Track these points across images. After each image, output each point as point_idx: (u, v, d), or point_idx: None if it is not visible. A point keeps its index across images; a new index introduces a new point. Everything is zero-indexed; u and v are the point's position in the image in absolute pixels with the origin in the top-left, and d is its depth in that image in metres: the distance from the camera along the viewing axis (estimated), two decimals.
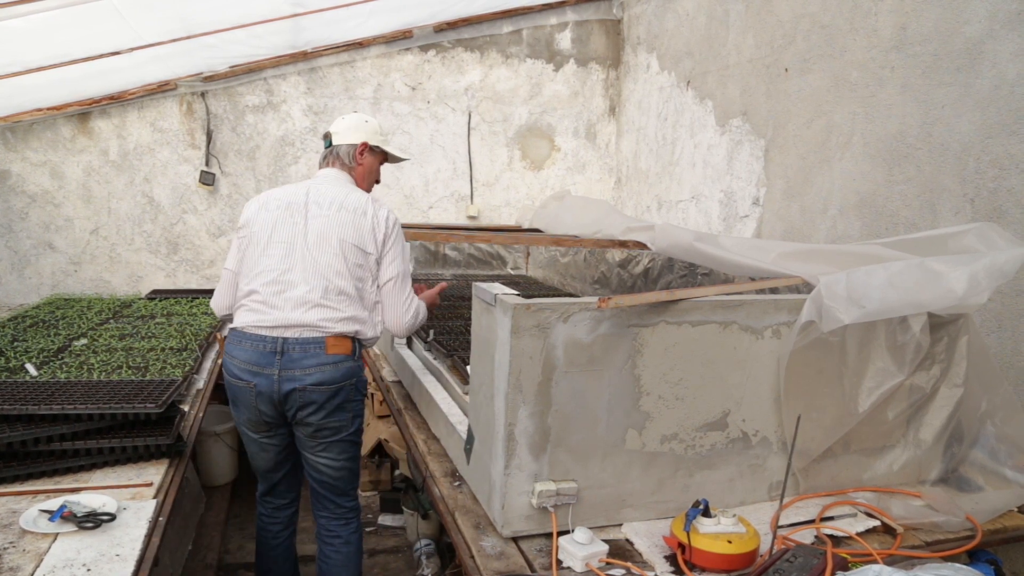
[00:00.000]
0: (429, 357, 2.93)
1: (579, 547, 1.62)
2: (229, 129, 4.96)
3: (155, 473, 2.13)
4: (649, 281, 3.62)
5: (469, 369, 2.08)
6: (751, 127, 3.93)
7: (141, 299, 4.55)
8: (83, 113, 4.69)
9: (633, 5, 5.35)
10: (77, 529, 1.74)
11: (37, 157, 4.67)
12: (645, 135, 5.21)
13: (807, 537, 1.78)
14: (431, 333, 3.02)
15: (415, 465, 3.10)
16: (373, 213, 2.38)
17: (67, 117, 4.66)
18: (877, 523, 1.86)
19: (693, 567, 1.61)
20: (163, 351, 3.20)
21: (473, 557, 1.67)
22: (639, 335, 1.73)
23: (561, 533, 1.69)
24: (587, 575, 1.60)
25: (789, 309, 1.87)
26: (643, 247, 3.14)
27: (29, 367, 2.81)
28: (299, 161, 5.09)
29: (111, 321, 3.84)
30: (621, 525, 1.81)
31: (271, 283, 2.28)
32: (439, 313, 3.38)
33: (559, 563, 1.63)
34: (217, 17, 4.14)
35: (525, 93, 5.49)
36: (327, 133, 2.57)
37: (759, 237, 3.85)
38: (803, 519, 1.86)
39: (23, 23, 3.45)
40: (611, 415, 1.74)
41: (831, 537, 1.77)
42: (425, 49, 5.22)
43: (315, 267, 2.28)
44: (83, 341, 3.34)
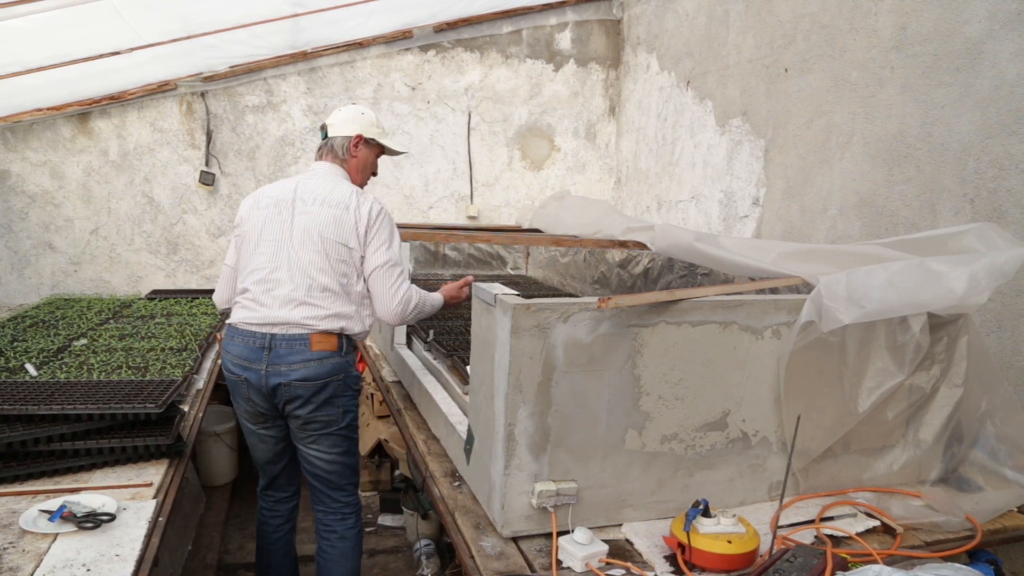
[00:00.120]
0: (429, 357, 2.93)
1: (579, 547, 1.62)
2: (229, 129, 4.96)
3: (155, 473, 2.13)
4: (649, 281, 3.62)
5: (469, 369, 2.08)
6: (751, 127, 3.93)
7: (141, 299, 4.55)
8: (83, 113, 4.69)
9: (633, 5, 5.35)
10: (77, 529, 1.74)
11: (37, 157, 4.67)
12: (645, 135, 5.21)
13: (807, 537, 1.78)
14: (431, 333, 3.02)
15: (415, 465, 3.10)
16: (356, 207, 2.36)
17: (67, 117, 4.66)
18: (877, 523, 1.86)
19: (693, 567, 1.61)
20: (163, 351, 3.20)
21: (473, 557, 1.67)
22: (639, 335, 1.73)
23: (561, 533, 1.69)
24: (587, 575, 1.60)
25: (789, 309, 1.87)
26: (643, 247, 3.14)
27: (29, 367, 2.81)
28: (299, 161, 5.09)
29: (111, 321, 3.84)
30: (621, 525, 1.81)
31: (260, 281, 2.34)
32: (439, 313, 3.37)
33: (559, 563, 1.63)
34: (217, 17, 4.14)
35: (525, 93, 5.49)
36: (323, 124, 2.58)
37: (759, 237, 3.85)
38: (803, 519, 1.86)
39: (23, 23, 3.45)
40: (611, 415, 1.74)
41: (831, 537, 1.77)
42: (425, 49, 5.22)
43: (299, 265, 2.32)
44: (83, 341, 3.34)
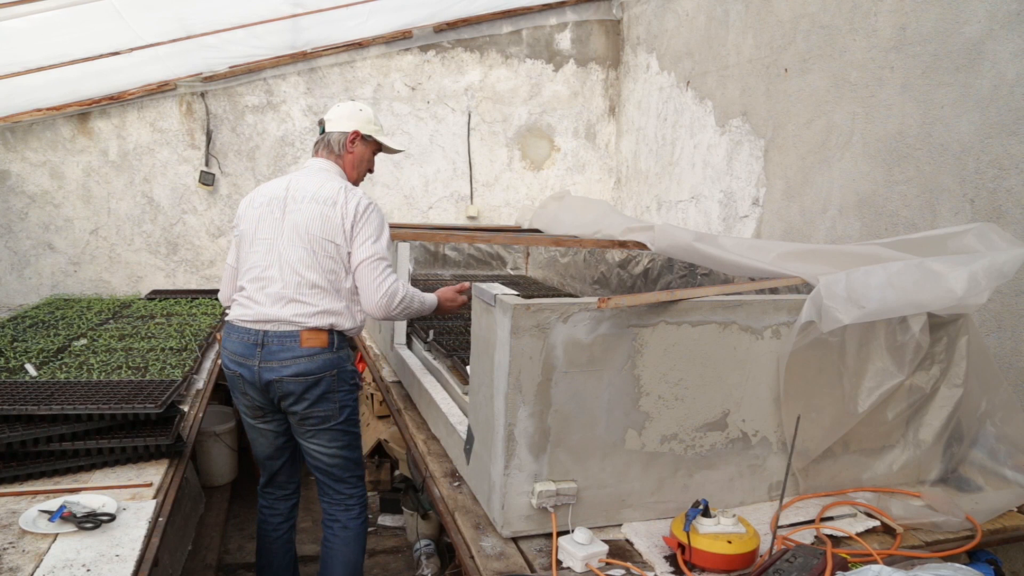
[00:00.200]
0: (429, 357, 2.94)
1: (579, 547, 1.62)
2: (229, 129, 4.96)
3: (155, 473, 2.13)
4: (649, 281, 3.62)
5: (469, 369, 2.08)
6: (751, 127, 3.93)
7: (141, 299, 4.55)
8: (83, 113, 4.69)
9: (633, 5, 5.35)
10: (77, 529, 1.74)
11: (37, 157, 4.67)
12: (645, 135, 5.21)
13: (807, 537, 1.78)
14: (431, 333, 3.02)
15: (415, 465, 3.10)
16: (344, 202, 2.36)
17: (67, 117, 4.66)
18: (877, 523, 1.86)
19: (693, 567, 1.61)
20: (163, 351, 3.20)
21: (473, 557, 1.67)
22: (639, 335, 1.73)
23: (561, 533, 1.69)
24: (587, 575, 1.60)
25: (789, 309, 1.87)
26: (643, 247, 3.14)
27: (29, 367, 2.81)
28: (299, 161, 5.09)
29: (111, 321, 3.84)
30: (621, 525, 1.81)
31: (254, 279, 2.39)
32: (438, 313, 3.37)
33: (559, 563, 1.63)
34: (217, 17, 4.14)
35: (525, 93, 5.49)
36: (321, 120, 2.60)
37: (759, 237, 3.85)
38: (803, 519, 1.86)
39: (23, 23, 3.45)
40: (611, 415, 1.75)
41: (831, 537, 1.77)
42: (425, 49, 5.23)
43: (288, 262, 2.35)
44: (83, 341, 3.34)
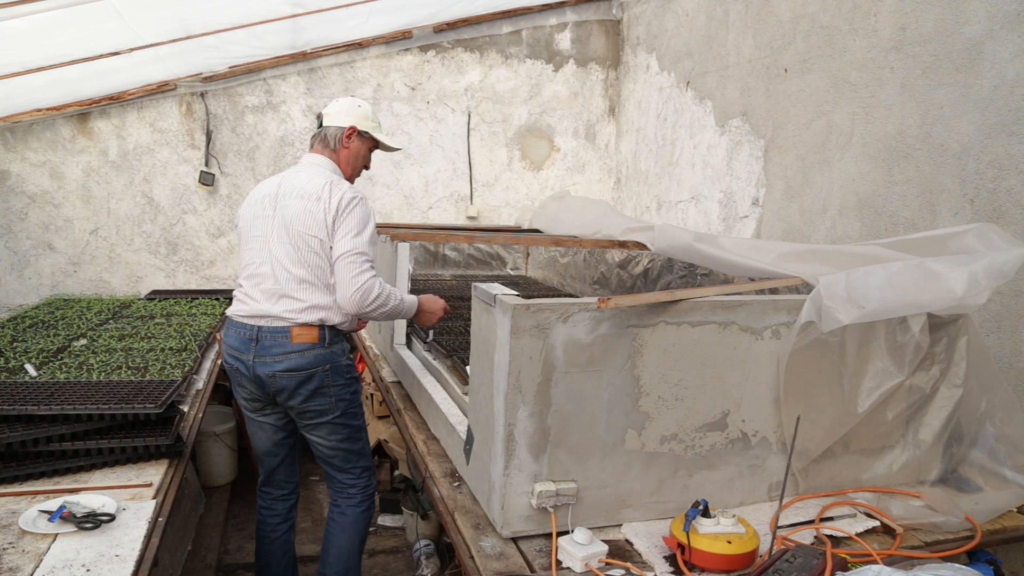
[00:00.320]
0: (429, 357, 2.93)
1: (579, 547, 1.62)
2: (229, 129, 4.96)
3: (154, 473, 2.13)
4: (649, 281, 3.62)
5: (469, 369, 2.08)
6: (751, 127, 3.93)
7: (140, 299, 4.55)
8: (82, 113, 4.68)
9: (633, 5, 5.35)
10: (76, 529, 1.74)
11: (36, 157, 4.67)
12: (645, 135, 5.21)
13: (807, 537, 1.78)
14: (431, 333, 3.02)
15: (414, 465, 3.10)
16: (327, 197, 2.37)
17: (66, 117, 4.66)
18: (876, 523, 1.86)
19: (693, 567, 1.61)
20: (162, 351, 3.20)
21: (473, 557, 1.67)
22: (639, 335, 1.73)
23: (561, 533, 1.69)
24: (587, 575, 1.60)
25: (788, 309, 1.87)
26: (643, 247, 3.15)
27: (29, 367, 2.81)
28: (299, 161, 5.08)
29: (110, 321, 3.84)
30: (621, 525, 1.81)
31: (250, 276, 2.43)
32: None
33: (559, 563, 1.63)
34: (216, 17, 4.14)
35: (525, 93, 5.49)
36: (319, 114, 2.62)
37: (758, 237, 3.85)
38: (803, 519, 1.86)
39: (23, 23, 3.45)
40: (611, 415, 1.75)
41: (830, 537, 1.77)
42: (425, 49, 5.23)
43: (277, 259, 2.38)
44: (82, 341, 3.34)
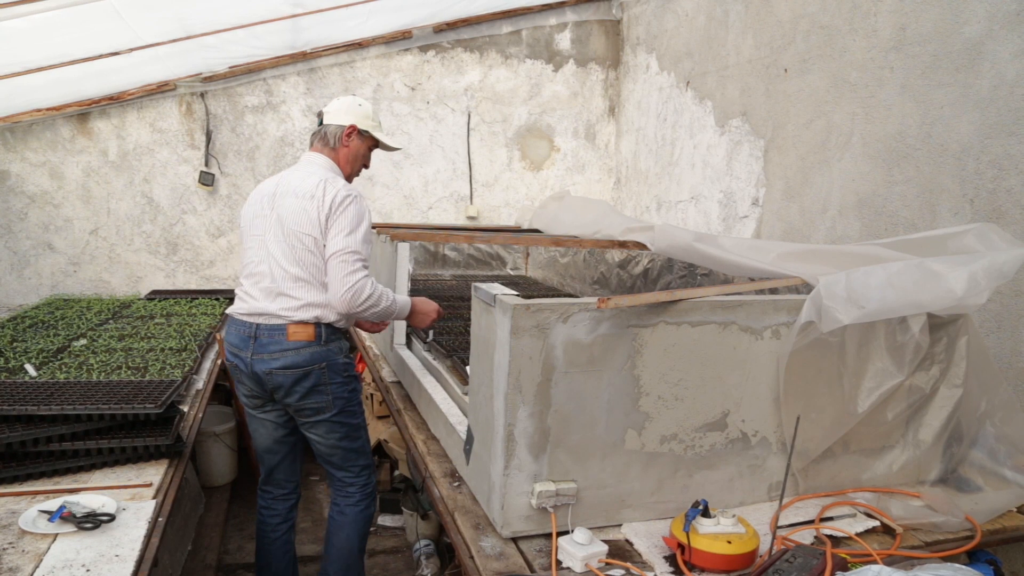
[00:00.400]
0: (429, 357, 2.93)
1: (578, 547, 1.62)
2: (228, 129, 4.96)
3: (154, 473, 2.13)
4: (648, 281, 3.62)
5: (468, 369, 2.08)
6: (750, 127, 3.93)
7: (140, 299, 4.55)
8: (82, 113, 4.68)
9: (633, 5, 5.35)
10: (76, 530, 1.74)
11: (36, 157, 4.67)
12: (644, 135, 5.21)
13: (806, 537, 1.78)
14: (431, 333, 3.02)
15: (414, 465, 3.10)
16: (321, 195, 2.37)
17: (66, 117, 4.66)
18: (876, 523, 1.86)
19: (693, 567, 1.61)
20: (162, 351, 3.20)
21: (472, 557, 1.67)
22: (638, 335, 1.73)
23: (561, 533, 1.69)
24: (587, 575, 1.60)
25: (788, 309, 1.87)
26: (642, 247, 3.15)
27: (28, 367, 2.81)
28: (296, 162, 5.09)
29: (110, 322, 3.84)
30: (621, 525, 1.81)
31: (250, 275, 2.46)
32: None
33: (558, 563, 1.63)
34: (217, 17, 4.14)
35: (524, 93, 5.49)
36: (320, 112, 2.62)
37: (758, 237, 3.85)
38: (802, 519, 1.86)
39: (23, 23, 3.45)
40: (610, 415, 1.75)
41: (830, 537, 1.77)
42: (425, 49, 5.23)
43: (273, 257, 2.40)
44: (82, 342, 3.34)
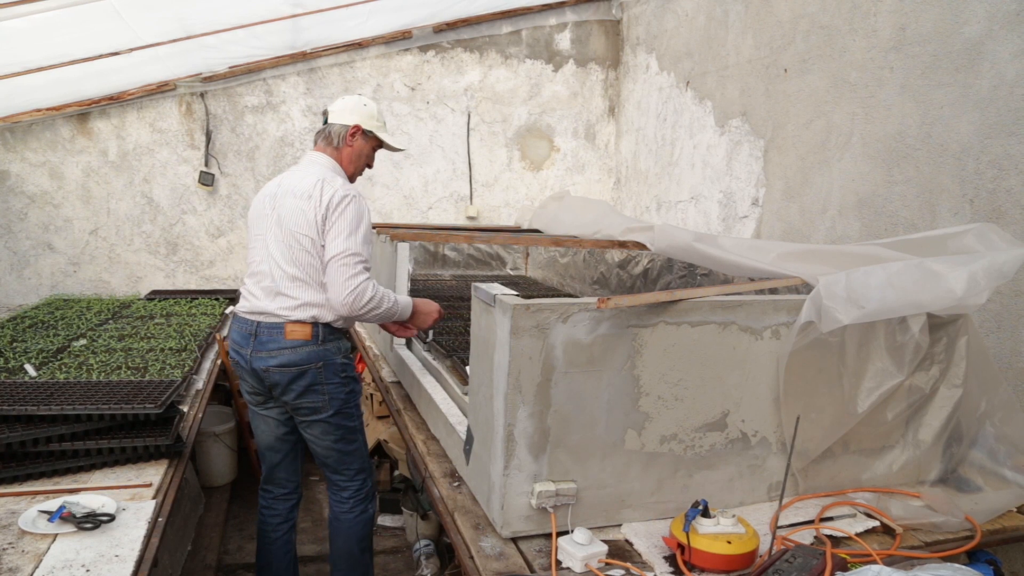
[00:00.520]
0: (429, 358, 2.93)
1: (578, 547, 1.62)
2: (228, 129, 4.96)
3: (154, 474, 2.13)
4: (648, 282, 3.62)
5: (468, 370, 2.08)
6: (750, 127, 3.93)
7: (140, 300, 4.55)
8: (82, 113, 4.68)
9: (632, 5, 5.35)
10: (76, 530, 1.74)
11: (36, 157, 4.67)
12: (644, 136, 5.21)
13: (806, 537, 1.78)
14: (430, 333, 3.02)
15: (414, 465, 3.10)
16: (318, 195, 2.37)
17: (66, 117, 4.66)
18: (876, 523, 1.86)
19: (692, 567, 1.61)
20: (162, 352, 3.20)
21: (472, 558, 1.67)
22: (638, 335, 1.73)
23: (560, 533, 1.69)
24: (586, 575, 1.60)
25: (788, 309, 1.87)
26: (642, 248, 3.15)
27: (28, 368, 2.80)
28: (298, 162, 5.08)
29: (110, 322, 3.84)
30: (620, 525, 1.81)
31: (252, 274, 2.50)
32: None
33: (558, 563, 1.63)
34: (217, 17, 4.14)
35: (524, 93, 5.49)
36: (325, 110, 2.62)
37: (758, 237, 3.85)
38: (802, 519, 1.86)
39: (23, 23, 3.45)
40: (610, 415, 1.75)
41: (830, 537, 1.77)
42: (424, 49, 5.23)
43: (273, 257, 2.42)
44: (82, 342, 3.33)
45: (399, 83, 5.22)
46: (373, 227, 2.66)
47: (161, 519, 1.89)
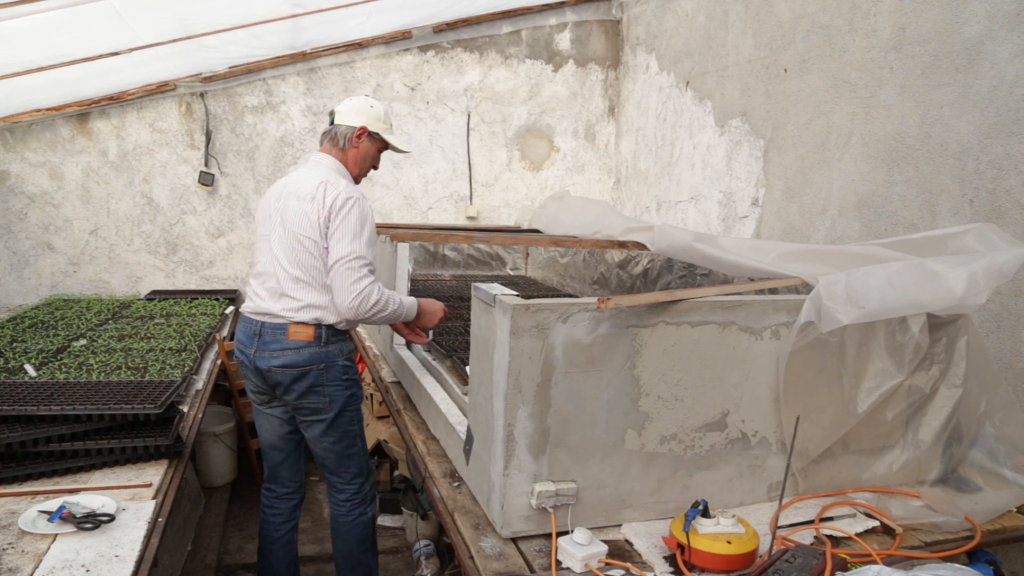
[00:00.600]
0: (429, 358, 2.93)
1: (578, 548, 1.62)
2: (228, 130, 4.96)
3: (154, 474, 2.13)
4: (648, 282, 3.62)
5: (468, 369, 2.08)
6: (750, 127, 3.93)
7: (140, 300, 4.55)
8: (82, 113, 4.68)
9: (632, 5, 5.35)
10: (76, 530, 1.74)
11: (36, 158, 4.67)
12: (644, 136, 5.21)
13: (806, 538, 1.78)
14: (430, 334, 3.02)
15: (414, 465, 3.10)
16: (321, 197, 2.37)
17: (66, 117, 4.66)
18: (876, 523, 1.86)
19: (692, 568, 1.61)
20: (162, 352, 3.20)
21: (472, 558, 1.67)
22: (638, 336, 1.73)
23: (560, 534, 1.69)
24: (586, 575, 1.60)
25: (788, 310, 1.87)
26: (642, 248, 3.15)
27: (28, 368, 2.80)
28: (298, 162, 5.09)
29: (110, 322, 3.84)
30: (620, 526, 1.81)
31: (258, 275, 2.51)
32: None
33: (558, 564, 1.63)
34: (217, 17, 4.14)
35: (524, 94, 5.49)
36: (332, 111, 2.62)
37: (758, 238, 3.85)
38: (802, 519, 1.86)
39: (23, 23, 3.45)
40: (610, 415, 1.75)
41: (830, 537, 1.77)
42: (424, 49, 5.23)
43: (276, 258, 2.44)
44: (82, 342, 3.33)
45: (399, 83, 5.22)
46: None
47: (161, 519, 1.89)
